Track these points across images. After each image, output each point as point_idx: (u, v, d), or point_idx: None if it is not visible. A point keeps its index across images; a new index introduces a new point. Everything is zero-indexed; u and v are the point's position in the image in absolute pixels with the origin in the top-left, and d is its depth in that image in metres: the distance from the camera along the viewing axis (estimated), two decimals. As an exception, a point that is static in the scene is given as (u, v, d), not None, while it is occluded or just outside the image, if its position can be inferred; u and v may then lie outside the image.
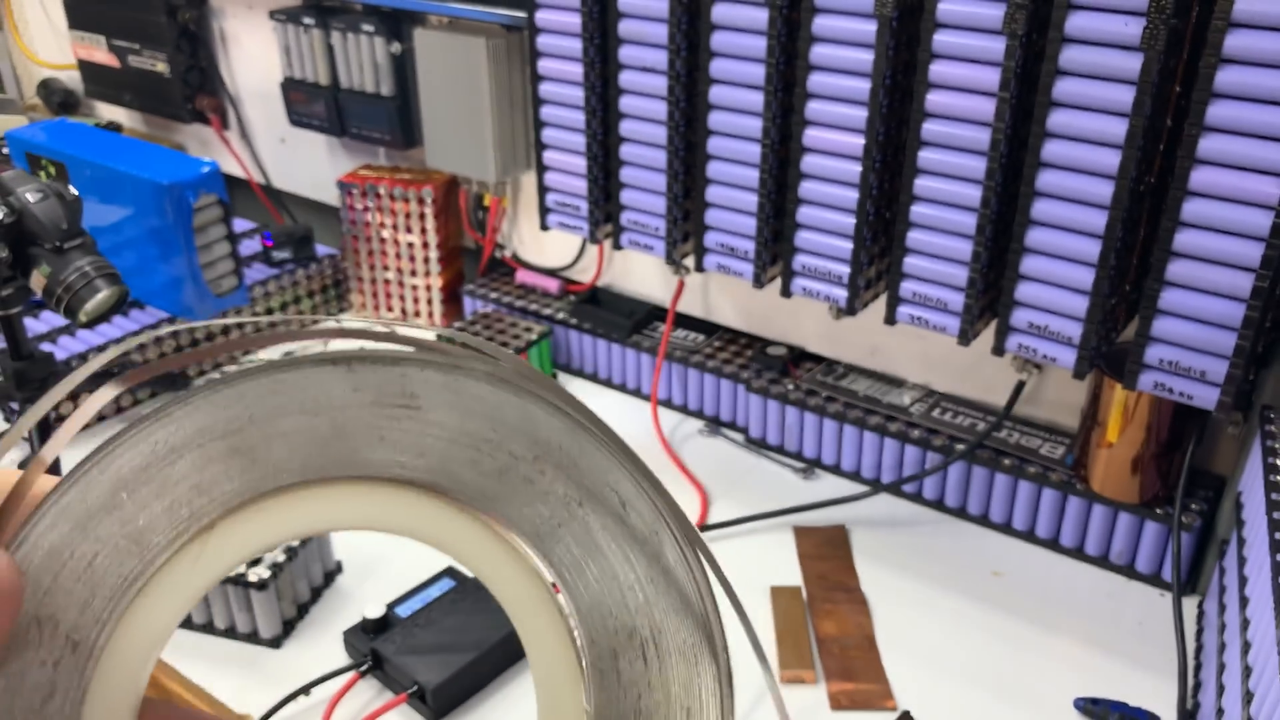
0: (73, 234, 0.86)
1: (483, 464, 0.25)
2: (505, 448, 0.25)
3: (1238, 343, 0.65)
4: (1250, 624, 0.62)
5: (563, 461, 0.25)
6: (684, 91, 0.82)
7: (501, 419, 0.25)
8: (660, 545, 0.25)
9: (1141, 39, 0.61)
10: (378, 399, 0.24)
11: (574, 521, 0.25)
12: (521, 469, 0.25)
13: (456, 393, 0.25)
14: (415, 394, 0.24)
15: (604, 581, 0.25)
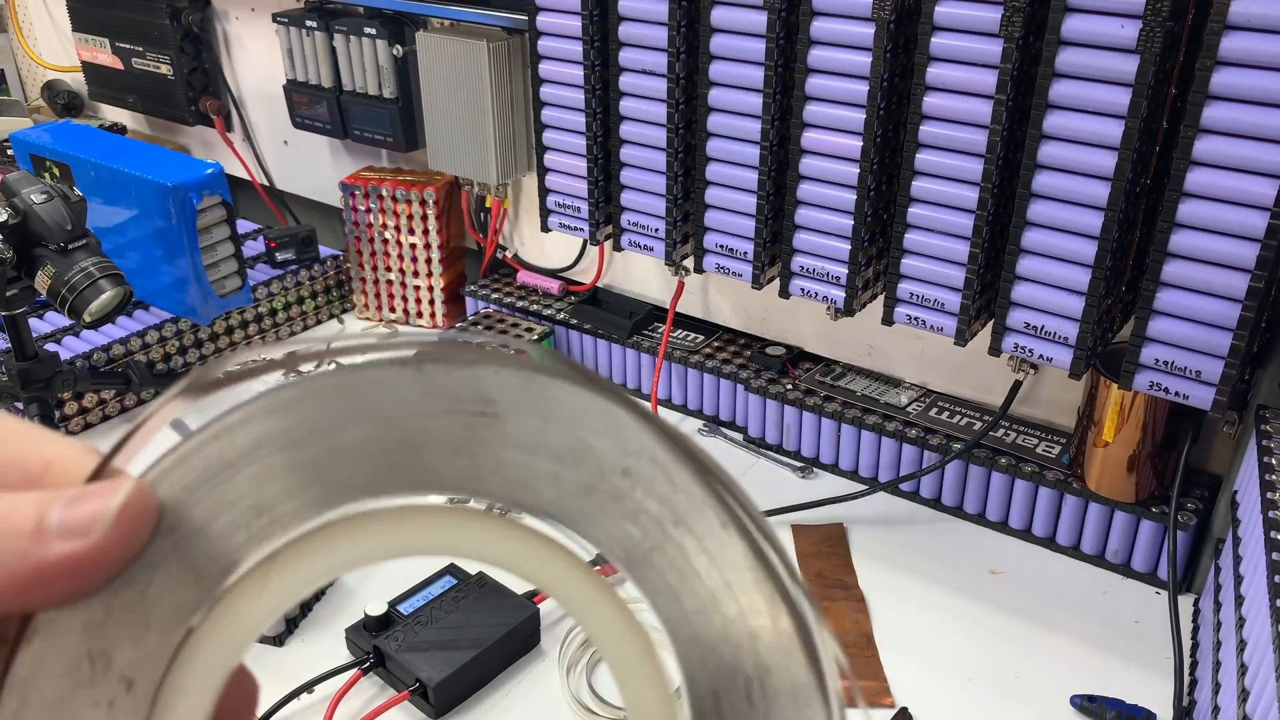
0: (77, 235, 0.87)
1: (565, 479, 0.22)
2: (592, 460, 0.22)
3: (1233, 343, 0.65)
4: (1245, 622, 0.62)
5: (655, 477, 0.22)
6: (683, 94, 0.82)
7: (587, 427, 0.22)
8: (765, 575, 0.22)
9: (1137, 41, 0.62)
10: (451, 406, 0.22)
11: (669, 545, 0.22)
12: (609, 484, 0.22)
13: (537, 397, 0.22)
14: (492, 399, 0.22)
15: (704, 614, 0.22)
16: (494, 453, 0.22)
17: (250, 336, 1.15)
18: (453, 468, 0.22)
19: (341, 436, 0.22)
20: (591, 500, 0.22)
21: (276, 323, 1.17)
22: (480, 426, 0.22)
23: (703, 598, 0.22)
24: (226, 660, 0.22)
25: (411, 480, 0.22)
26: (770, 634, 0.22)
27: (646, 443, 0.22)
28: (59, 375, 0.94)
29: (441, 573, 0.78)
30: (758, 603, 0.22)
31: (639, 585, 0.22)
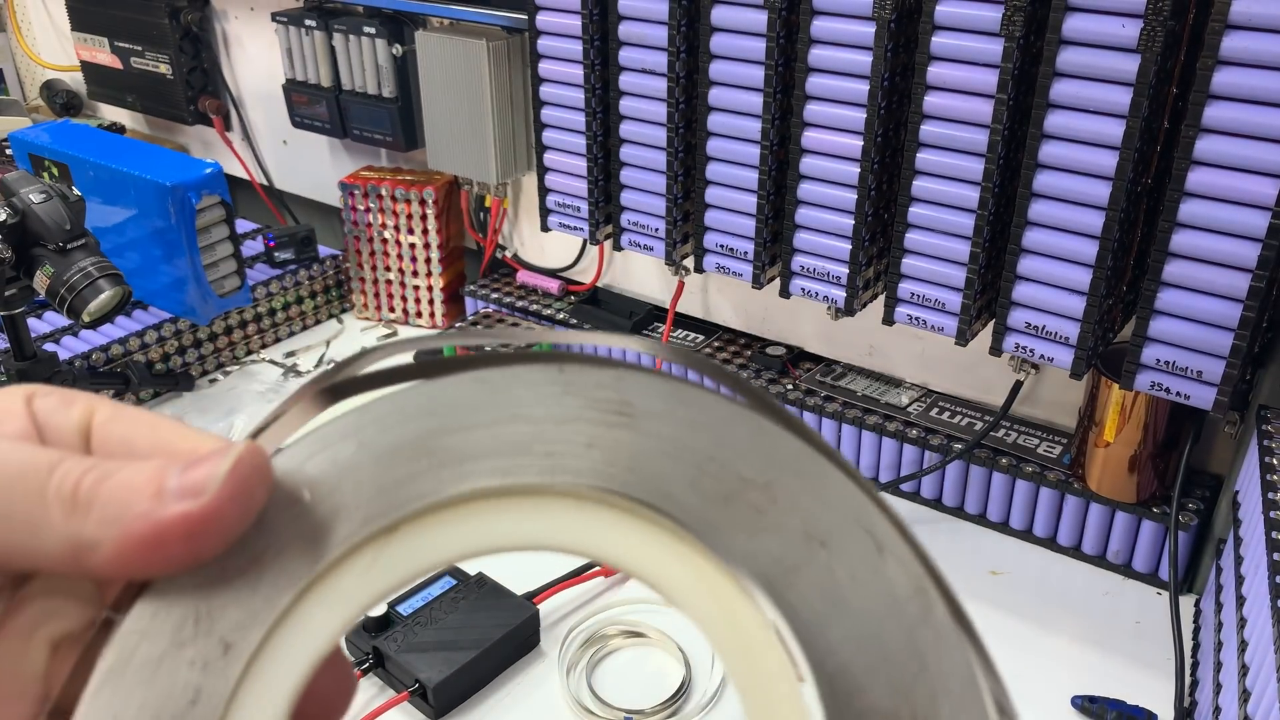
0: (76, 235, 0.86)
1: (704, 485, 0.21)
2: (733, 469, 0.21)
3: (1234, 343, 0.65)
4: (1247, 623, 0.62)
5: (802, 492, 0.20)
6: (684, 93, 0.82)
7: (730, 436, 0.21)
8: (928, 605, 0.20)
9: (1139, 41, 0.62)
10: (588, 405, 0.22)
11: (814, 565, 0.20)
12: (751, 496, 0.20)
13: (679, 403, 0.21)
14: (630, 402, 0.21)
15: (853, 644, 0.19)
16: (630, 453, 0.21)
17: (249, 336, 1.14)
18: (585, 461, 0.21)
19: (475, 425, 0.22)
20: (730, 510, 0.20)
21: (275, 323, 1.17)
22: (617, 426, 0.21)
23: (852, 627, 0.19)
24: (325, 636, 0.21)
25: (542, 470, 0.21)
26: (931, 673, 0.19)
27: (793, 455, 0.21)
28: (58, 375, 0.94)
29: (441, 573, 0.78)
30: (917, 639, 0.19)
31: (778, 608, 0.20)
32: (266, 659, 0.21)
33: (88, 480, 0.21)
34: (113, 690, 0.21)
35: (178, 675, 0.21)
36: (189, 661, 0.21)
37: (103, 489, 0.21)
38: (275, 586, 0.21)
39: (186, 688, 0.21)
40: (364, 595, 0.22)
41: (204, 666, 0.21)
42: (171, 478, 0.21)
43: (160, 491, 0.20)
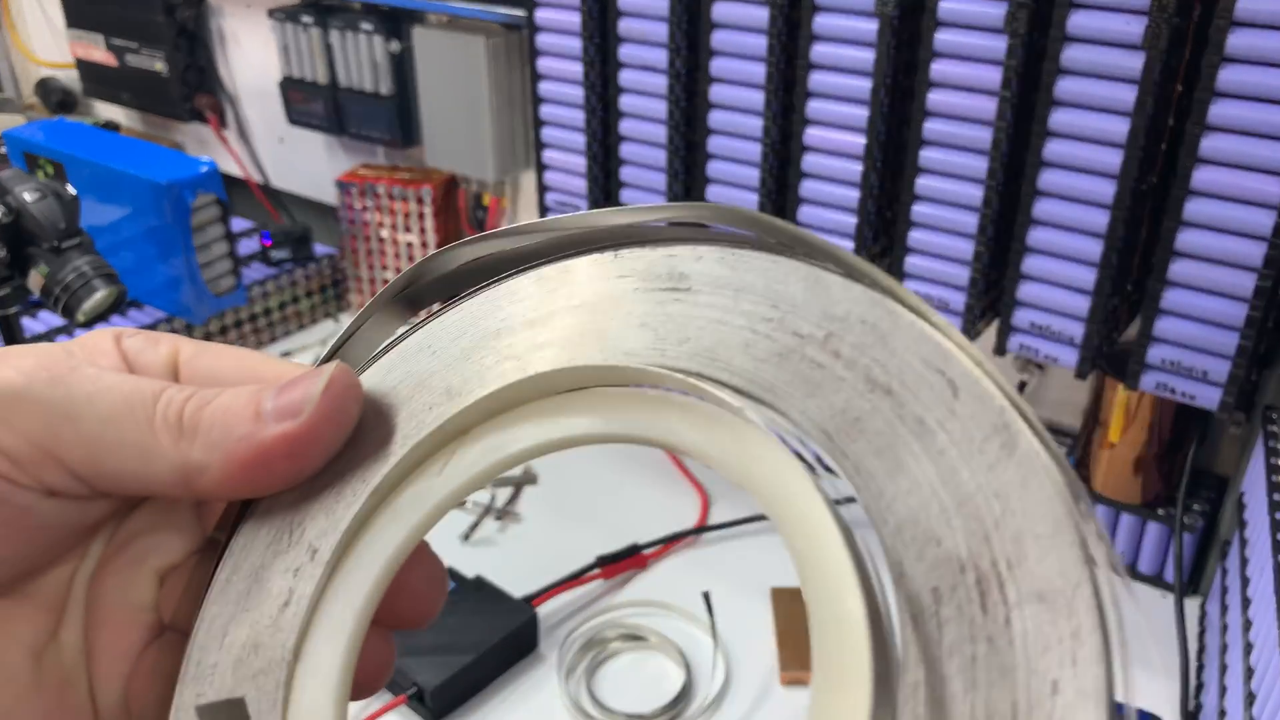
0: (70, 234, 0.86)
1: (758, 347, 0.20)
2: (788, 326, 0.20)
3: (1240, 343, 0.64)
4: (1252, 625, 0.61)
5: (865, 339, 0.19)
6: (684, 90, 0.81)
7: (785, 294, 0.20)
8: (1011, 442, 0.17)
9: (1143, 38, 0.61)
10: (642, 285, 0.22)
11: (878, 414, 0.19)
12: (808, 351, 0.20)
13: (732, 267, 0.21)
14: (684, 274, 0.21)
15: (922, 494, 0.18)
16: (680, 326, 0.21)
17: (244, 336, 1.14)
18: (636, 340, 0.21)
19: (535, 324, 0.22)
20: (785, 368, 0.20)
21: (271, 322, 1.16)
22: (670, 301, 0.21)
23: (920, 474, 0.18)
24: (404, 538, 0.22)
25: (594, 352, 0.21)
26: (1016, 515, 0.17)
27: (855, 305, 0.20)
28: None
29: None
30: (1004, 478, 0.17)
31: (838, 464, 0.19)
32: (348, 561, 0.22)
33: (190, 406, 0.22)
34: (220, 603, 0.22)
35: (274, 583, 0.22)
36: (283, 570, 0.22)
37: (204, 414, 0.22)
38: (355, 493, 0.22)
39: (280, 592, 0.22)
40: (440, 496, 0.22)
41: (295, 572, 0.22)
42: (268, 400, 0.22)
43: (259, 414, 0.22)
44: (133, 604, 0.23)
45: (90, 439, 0.21)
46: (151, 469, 0.21)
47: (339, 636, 0.22)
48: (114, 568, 0.24)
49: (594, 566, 0.80)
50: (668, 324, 0.21)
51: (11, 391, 0.21)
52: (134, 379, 0.22)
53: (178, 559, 0.24)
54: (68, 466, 0.21)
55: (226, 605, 0.22)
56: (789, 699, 0.72)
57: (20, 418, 0.21)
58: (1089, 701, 0.16)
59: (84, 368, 0.22)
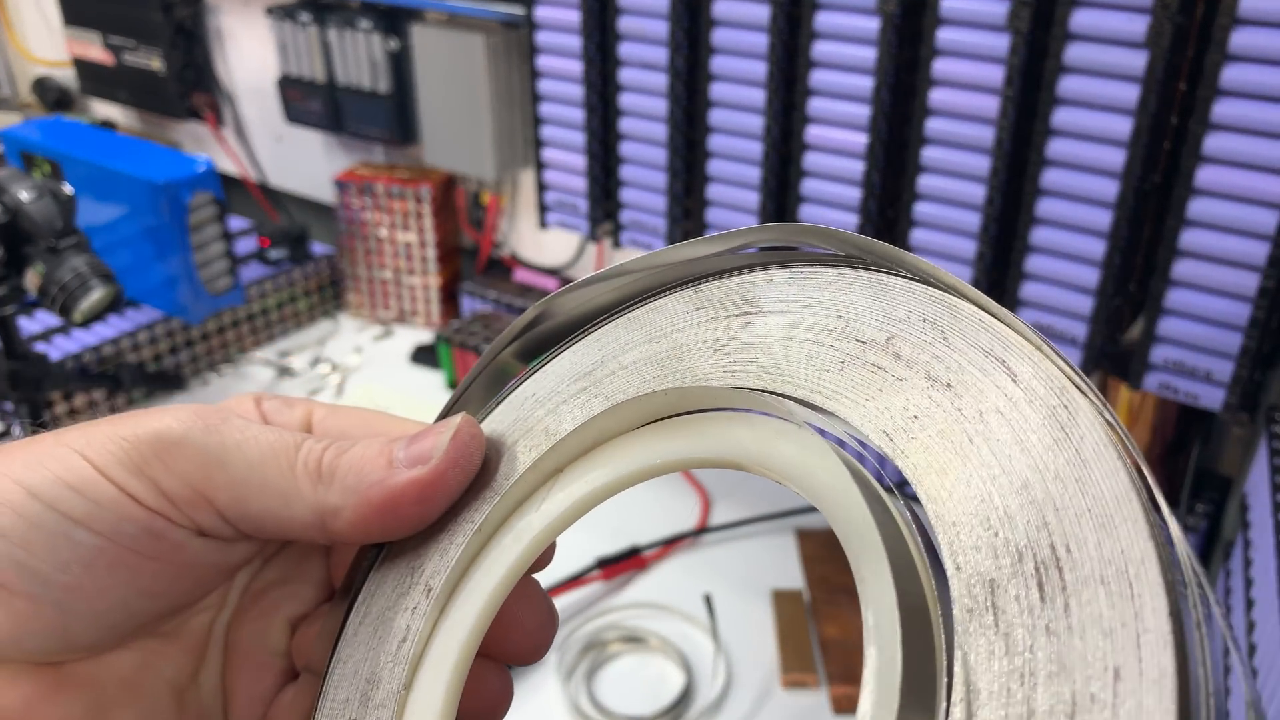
0: (67, 233, 0.85)
1: (821, 357, 0.21)
2: (852, 334, 0.21)
3: (1244, 343, 0.64)
4: (1256, 626, 0.61)
5: (925, 336, 0.20)
6: (684, 88, 0.81)
7: (848, 303, 0.21)
8: (1072, 418, 0.17)
9: (1146, 36, 0.61)
10: (717, 314, 0.23)
11: (938, 410, 0.19)
12: (869, 355, 0.20)
13: (800, 285, 0.22)
14: (756, 299, 0.23)
15: (980, 483, 0.17)
16: (749, 346, 0.22)
17: (242, 336, 1.13)
18: (709, 364, 0.22)
19: (623, 359, 0.24)
20: (846, 374, 0.20)
21: (269, 322, 1.16)
22: (741, 325, 0.22)
23: (980, 464, 0.18)
24: (506, 572, 0.23)
25: (668, 377, 0.23)
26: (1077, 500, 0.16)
27: (916, 304, 0.20)
28: (49, 376, 0.92)
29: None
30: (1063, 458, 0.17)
31: (900, 462, 0.19)
32: (457, 597, 0.24)
33: (328, 455, 0.24)
34: (352, 645, 0.24)
35: (396, 622, 0.23)
36: (404, 609, 0.24)
37: (341, 461, 0.24)
38: (465, 533, 0.24)
39: (400, 631, 0.23)
40: (536, 531, 0.24)
41: (413, 610, 0.23)
42: (399, 449, 0.24)
43: (391, 461, 0.23)
44: (267, 649, 0.26)
45: (238, 482, 0.23)
46: (291, 511, 0.23)
47: (444, 668, 0.23)
48: (250, 615, 0.26)
49: (594, 568, 0.80)
50: (738, 347, 0.22)
51: (172, 439, 0.23)
52: (278, 431, 0.24)
53: (308, 608, 0.26)
54: (217, 508, 0.23)
55: (357, 648, 0.24)
56: (790, 701, 0.71)
57: (178, 461, 0.23)
58: (1154, 689, 0.14)
59: (234, 419, 0.24)
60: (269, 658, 0.26)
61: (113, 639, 0.23)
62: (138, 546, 0.22)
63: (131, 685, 0.23)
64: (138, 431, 0.23)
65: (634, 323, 0.24)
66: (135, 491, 0.22)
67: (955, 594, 0.17)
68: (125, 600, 0.23)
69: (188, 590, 0.24)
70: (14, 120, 1.39)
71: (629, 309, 0.24)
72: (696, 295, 0.24)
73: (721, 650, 0.74)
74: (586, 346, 0.25)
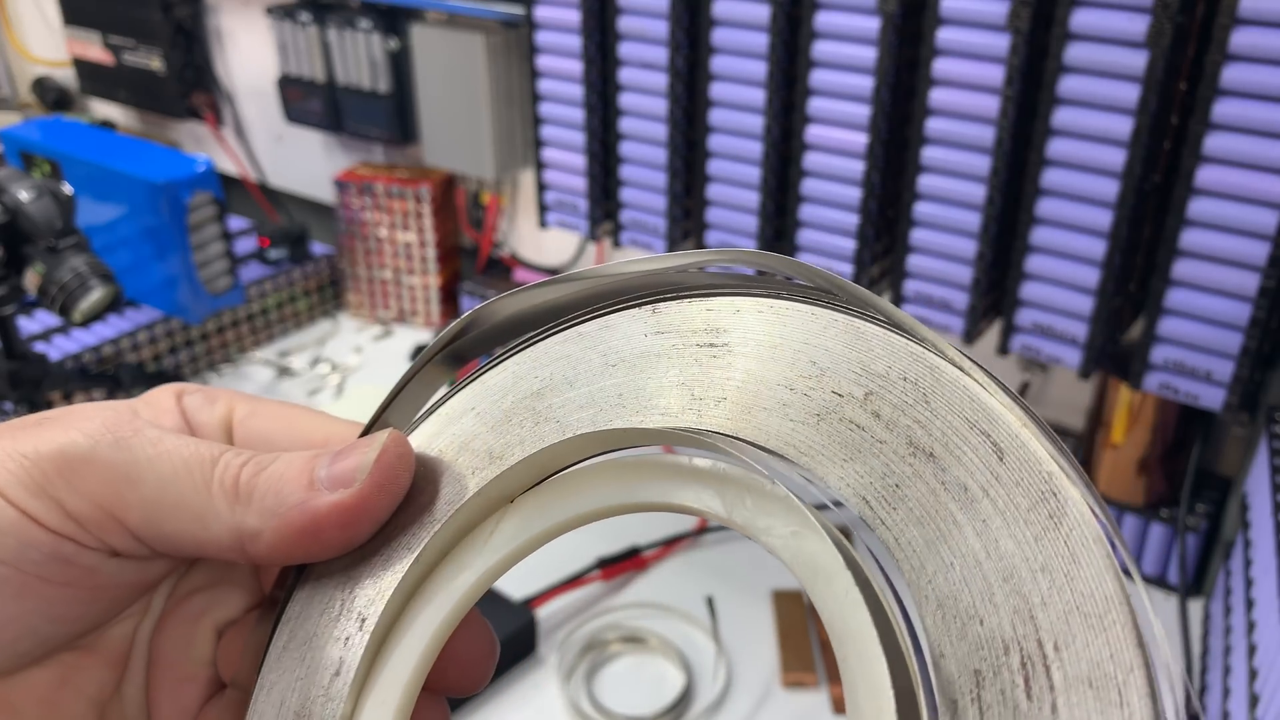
0: (67, 233, 0.85)
1: (795, 406, 0.19)
2: (827, 384, 0.19)
3: (1244, 343, 0.64)
4: (1256, 627, 0.61)
5: (906, 398, 0.18)
6: (684, 88, 0.81)
7: (824, 348, 0.19)
8: (1057, 516, 0.16)
9: (1147, 35, 0.61)
10: (680, 342, 0.21)
11: (919, 480, 0.18)
12: (847, 411, 0.19)
13: (770, 321, 0.20)
14: (722, 329, 0.21)
15: (965, 568, 0.17)
16: (718, 384, 0.20)
17: (242, 336, 1.13)
18: (672, 399, 0.21)
19: (575, 380, 0.22)
20: (822, 430, 0.19)
21: (268, 322, 1.16)
22: (706, 358, 0.21)
23: (964, 547, 0.17)
24: (452, 608, 0.22)
25: (631, 414, 0.21)
26: (1064, 594, 0.16)
27: (896, 360, 0.19)
28: (48, 376, 0.92)
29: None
30: (1051, 550, 0.16)
31: (877, 532, 0.18)
32: (397, 631, 0.22)
33: (246, 472, 0.22)
34: (278, 670, 0.22)
35: (326, 651, 0.22)
36: (334, 638, 0.22)
37: (260, 480, 0.22)
38: (401, 560, 0.22)
39: (331, 662, 0.22)
40: (486, 567, 0.22)
41: (345, 641, 0.22)
42: (322, 468, 0.22)
43: (312, 482, 0.22)
44: (192, 659, 0.24)
45: (150, 502, 0.22)
46: (208, 533, 0.22)
47: (387, 709, 0.22)
48: (174, 622, 0.24)
49: (593, 568, 0.80)
50: (704, 382, 0.20)
51: (78, 455, 0.21)
52: (194, 443, 0.23)
53: (235, 614, 0.25)
54: (129, 528, 0.22)
55: (283, 673, 0.22)
56: (790, 701, 0.71)
57: (85, 481, 0.21)
58: None
59: (147, 429, 0.22)
60: (194, 668, 0.24)
61: (25, 663, 0.22)
62: (45, 573, 0.21)
63: (50, 704, 0.22)
64: (40, 448, 0.21)
65: (585, 340, 0.22)
66: (38, 514, 0.21)
67: (939, 683, 0.16)
68: (35, 628, 0.22)
69: (104, 610, 0.23)
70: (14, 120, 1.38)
71: (577, 322, 0.23)
72: (655, 317, 0.22)
73: (723, 651, 0.74)
74: (532, 361, 0.23)
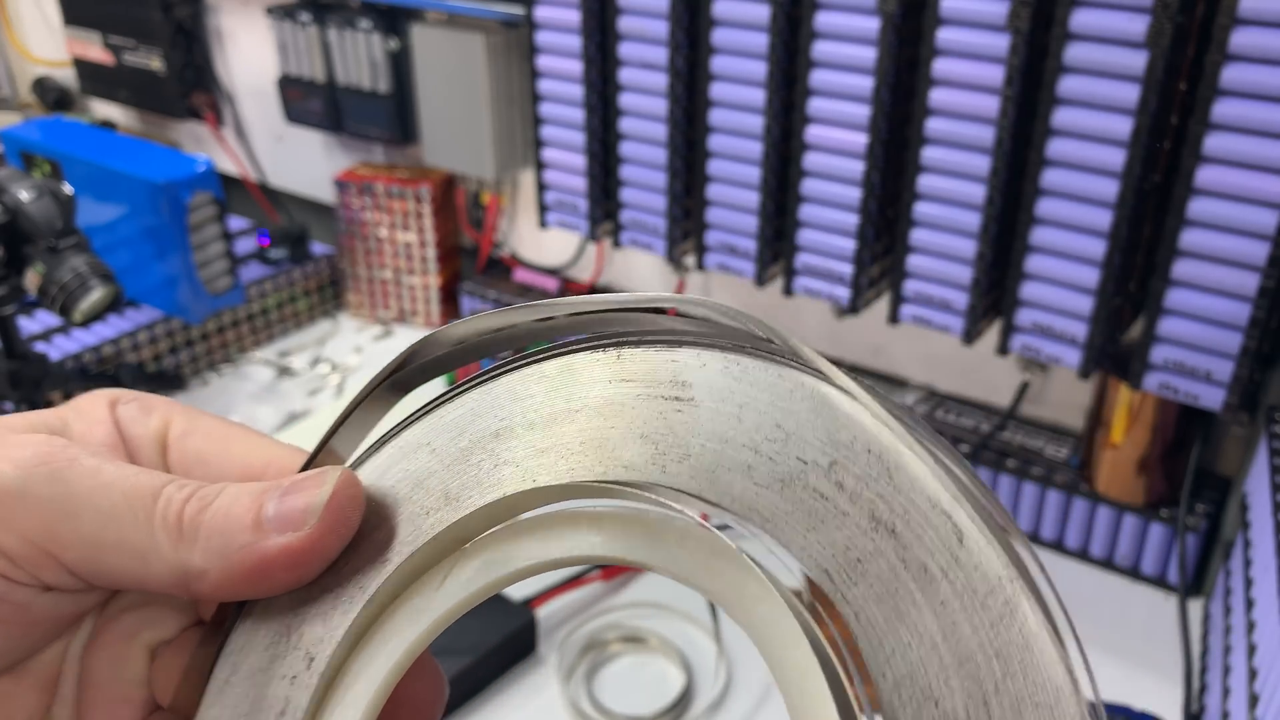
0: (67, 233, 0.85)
1: (760, 470, 0.19)
2: (792, 450, 0.19)
3: (1244, 343, 0.64)
4: (1256, 626, 0.61)
5: (870, 470, 0.18)
6: (684, 88, 0.81)
7: (790, 412, 0.19)
8: (1013, 603, 0.17)
9: (1146, 36, 0.61)
10: (644, 391, 0.21)
11: (880, 557, 0.18)
12: (811, 479, 0.19)
13: (736, 379, 0.20)
14: (687, 383, 0.20)
15: (922, 649, 0.17)
16: (682, 440, 0.20)
17: (242, 336, 1.13)
18: (636, 453, 0.20)
19: (535, 422, 0.21)
20: (787, 497, 0.19)
21: (269, 322, 1.16)
22: (671, 411, 0.20)
23: (922, 628, 0.17)
24: (404, 652, 0.22)
25: (594, 466, 0.21)
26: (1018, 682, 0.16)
27: (860, 431, 0.18)
28: (49, 376, 0.92)
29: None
30: (1006, 638, 0.17)
31: (840, 606, 0.18)
32: (346, 674, 0.22)
33: (190, 509, 0.21)
34: (220, 704, 0.22)
35: (271, 688, 0.21)
36: (280, 675, 0.21)
37: (204, 518, 0.21)
38: (351, 600, 0.22)
39: (277, 699, 0.21)
40: (439, 613, 0.22)
41: (292, 680, 0.21)
42: (270, 505, 0.21)
43: (259, 522, 0.21)
44: (125, 680, 0.23)
45: (88, 539, 0.21)
46: (150, 570, 0.21)
47: None
48: (105, 642, 0.23)
49: (594, 568, 0.80)
50: (669, 437, 0.20)
51: (9, 490, 0.20)
52: (133, 473, 0.22)
53: (170, 634, 0.24)
54: (65, 564, 0.21)
55: (225, 708, 0.22)
56: (790, 701, 0.71)
57: (18, 517, 0.20)
58: None
59: (83, 459, 0.21)
60: (128, 689, 0.23)
61: None
62: None
63: None
64: None
65: (546, 380, 0.22)
66: None
67: None
68: None
69: (36, 642, 0.22)
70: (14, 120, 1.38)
71: (537, 360, 0.22)
72: (619, 364, 0.21)
73: (723, 652, 0.74)
74: (492, 398, 0.22)
